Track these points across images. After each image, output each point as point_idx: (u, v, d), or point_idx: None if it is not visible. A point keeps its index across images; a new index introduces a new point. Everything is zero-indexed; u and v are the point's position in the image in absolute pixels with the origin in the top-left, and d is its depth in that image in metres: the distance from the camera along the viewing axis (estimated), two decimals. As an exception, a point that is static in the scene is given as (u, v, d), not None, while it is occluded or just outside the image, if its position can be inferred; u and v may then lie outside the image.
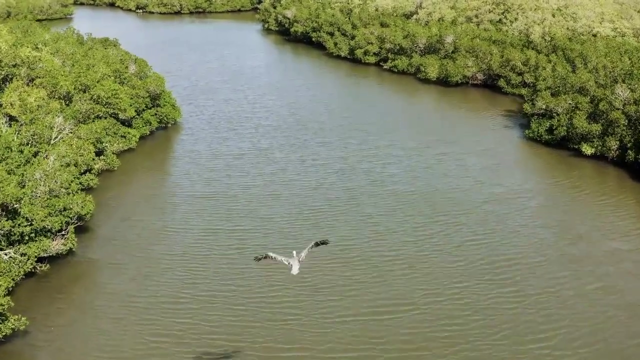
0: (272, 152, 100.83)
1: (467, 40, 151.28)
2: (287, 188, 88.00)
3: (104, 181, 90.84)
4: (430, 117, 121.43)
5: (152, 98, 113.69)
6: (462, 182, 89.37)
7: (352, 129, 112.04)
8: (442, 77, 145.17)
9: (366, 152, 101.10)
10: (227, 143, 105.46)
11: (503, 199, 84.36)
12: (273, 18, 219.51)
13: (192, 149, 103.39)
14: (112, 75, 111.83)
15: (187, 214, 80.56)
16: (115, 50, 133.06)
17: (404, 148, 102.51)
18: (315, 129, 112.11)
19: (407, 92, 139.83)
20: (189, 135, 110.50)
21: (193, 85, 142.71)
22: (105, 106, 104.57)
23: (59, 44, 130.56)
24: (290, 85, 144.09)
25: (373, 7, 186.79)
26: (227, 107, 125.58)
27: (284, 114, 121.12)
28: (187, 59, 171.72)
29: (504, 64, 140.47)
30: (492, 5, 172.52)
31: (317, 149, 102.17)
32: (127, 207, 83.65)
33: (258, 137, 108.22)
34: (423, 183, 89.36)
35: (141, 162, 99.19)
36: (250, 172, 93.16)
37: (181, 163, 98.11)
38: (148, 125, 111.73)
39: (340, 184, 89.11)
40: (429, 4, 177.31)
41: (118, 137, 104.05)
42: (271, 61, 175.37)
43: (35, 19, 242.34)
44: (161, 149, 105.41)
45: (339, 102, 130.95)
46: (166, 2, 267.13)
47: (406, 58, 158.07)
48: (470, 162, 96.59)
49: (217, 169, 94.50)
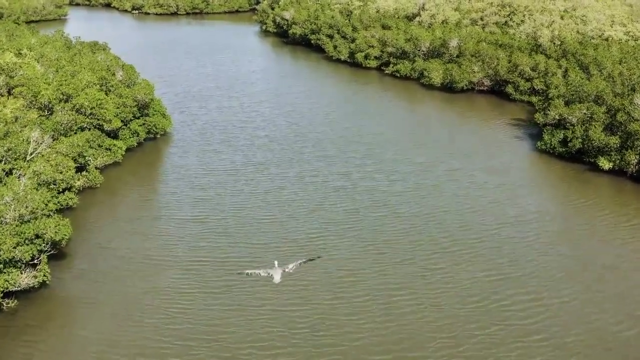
0: (267, 168, 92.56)
1: (472, 44, 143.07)
2: (283, 210, 79.73)
3: (85, 200, 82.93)
4: (436, 127, 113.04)
5: (140, 107, 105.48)
6: (474, 203, 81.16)
7: (353, 141, 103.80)
8: (447, 83, 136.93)
9: (369, 167, 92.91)
10: (219, 156, 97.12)
11: (518, 222, 76.23)
12: (271, 19, 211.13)
13: (181, 164, 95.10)
14: (98, 83, 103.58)
15: (173, 241, 72.32)
16: (104, 55, 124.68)
17: (410, 162, 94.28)
18: (314, 141, 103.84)
19: (411, 99, 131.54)
20: (179, 147, 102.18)
21: (186, 92, 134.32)
22: (89, 117, 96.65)
23: (44, 49, 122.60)
24: (288, 92, 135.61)
25: (374, 9, 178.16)
26: (221, 116, 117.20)
27: (281, 124, 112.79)
28: (181, 63, 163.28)
29: (511, 70, 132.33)
30: (498, 7, 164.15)
31: (316, 164, 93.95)
32: (108, 231, 75.43)
33: (253, 149, 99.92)
34: (432, 204, 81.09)
35: (126, 178, 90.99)
36: (243, 191, 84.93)
37: (169, 179, 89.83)
38: (135, 136, 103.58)
39: (341, 205, 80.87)
40: (432, 6, 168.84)
41: (102, 150, 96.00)
42: (269, 65, 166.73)
43: (28, 20, 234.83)
44: (149, 163, 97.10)
45: (339, 110, 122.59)
46: (162, 3, 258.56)
47: (409, 62, 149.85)
48: (481, 179, 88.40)
49: (207, 187, 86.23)
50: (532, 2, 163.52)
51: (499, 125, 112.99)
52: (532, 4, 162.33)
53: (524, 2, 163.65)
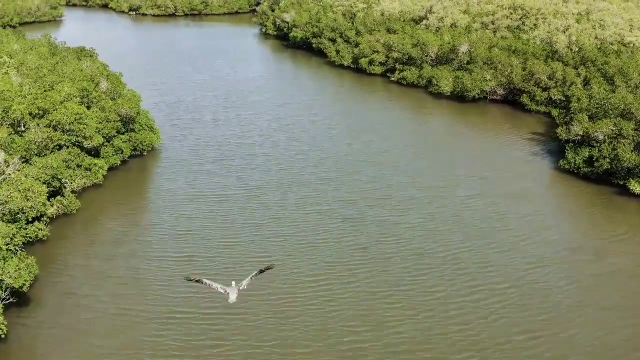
0: (264, 193, 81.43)
1: (483, 49, 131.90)
2: (280, 247, 68.63)
3: (58, 229, 72.36)
4: (448, 143, 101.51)
5: (125, 121, 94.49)
6: (496, 238, 70.18)
7: (359, 160, 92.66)
8: (458, 92, 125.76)
9: (378, 192, 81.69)
10: (211, 179, 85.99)
11: (550, 263, 65.34)
12: (271, 22, 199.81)
13: (168, 187, 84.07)
14: (78, 96, 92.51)
15: (151, 287, 61.36)
16: (90, 62, 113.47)
17: (422, 187, 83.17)
18: (316, 161, 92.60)
19: (419, 110, 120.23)
20: (167, 166, 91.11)
21: (179, 101, 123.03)
22: (66, 133, 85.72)
23: (26, 56, 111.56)
24: (288, 102, 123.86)
25: (378, 12, 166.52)
26: (216, 130, 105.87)
27: (281, 140, 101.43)
28: (176, 69, 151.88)
29: (526, 78, 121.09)
30: (509, 10, 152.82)
31: (319, 189, 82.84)
32: (78, 271, 64.55)
33: (249, 171, 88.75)
34: (448, 239, 70.01)
35: (106, 204, 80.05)
36: (235, 222, 73.83)
37: (153, 206, 78.85)
38: (119, 153, 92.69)
39: (347, 241, 69.79)
40: (440, 8, 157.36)
41: (81, 170, 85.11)
42: (268, 72, 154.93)
43: (22, 21, 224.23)
44: (132, 186, 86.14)
45: (343, 123, 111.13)
46: (160, 4, 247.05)
47: (416, 69, 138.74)
48: (502, 208, 77.43)
49: (195, 217, 75.11)
50: (544, 5, 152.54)
51: (516, 140, 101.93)
52: (544, 6, 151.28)
53: (536, 5, 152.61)
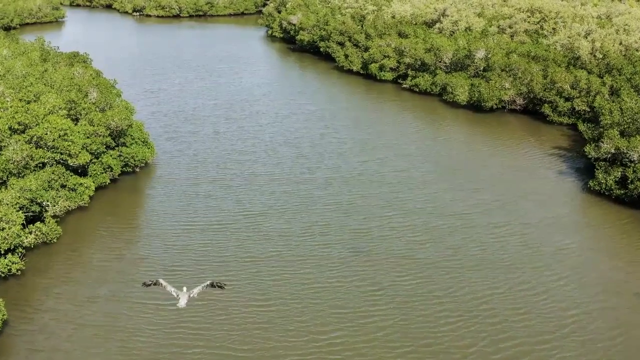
0: (265, 221, 72.05)
1: (501, 55, 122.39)
2: (281, 289, 59.32)
3: (35, 261, 63.85)
4: (469, 161, 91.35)
5: (115, 135, 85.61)
6: (531, 278, 60.83)
7: (372, 181, 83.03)
8: (474, 101, 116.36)
9: (394, 220, 72.17)
10: (207, 203, 76.76)
11: (592, 309, 55.88)
12: (277, 24, 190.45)
13: (159, 212, 75.01)
14: (65, 108, 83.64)
15: (131, 342, 52.10)
16: (82, 68, 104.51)
17: (444, 214, 73.61)
18: (324, 181, 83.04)
19: (434, 122, 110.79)
20: (160, 187, 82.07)
21: (178, 111, 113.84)
22: (50, 150, 76.91)
23: (14, 62, 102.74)
24: (295, 113, 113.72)
25: (389, 14, 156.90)
26: (216, 144, 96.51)
27: (286, 156, 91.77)
28: (177, 74, 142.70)
29: (548, 87, 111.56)
30: (527, 14, 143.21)
31: (327, 215, 73.37)
32: (51, 320, 55.52)
33: (250, 193, 79.37)
34: (477, 280, 60.60)
35: (89, 232, 71.13)
36: (232, 257, 64.56)
37: (142, 236, 69.75)
38: (108, 171, 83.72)
39: (358, 280, 60.57)
40: (454, 11, 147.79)
41: (66, 191, 76.27)
42: (273, 78, 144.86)
43: (23, 22, 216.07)
44: (120, 210, 77.06)
45: (354, 137, 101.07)
46: (164, 5, 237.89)
47: (429, 75, 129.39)
48: (534, 239, 68.21)
49: (187, 250, 65.94)
50: (563, 8, 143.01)
51: (539, 157, 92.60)
52: (563, 9, 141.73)
53: (555, 8, 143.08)
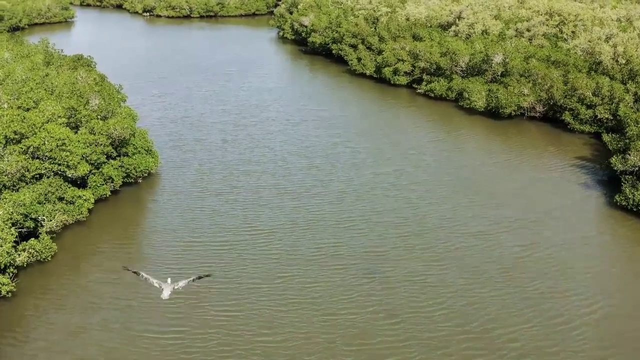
0: (273, 240, 66.79)
1: (520, 60, 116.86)
2: (286, 318, 54.17)
3: (28, 282, 59.49)
4: (489, 173, 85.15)
5: (117, 145, 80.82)
6: (564, 310, 55.45)
7: (388, 196, 77.30)
8: (492, 108, 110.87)
9: (412, 239, 66.57)
10: (212, 219, 71.70)
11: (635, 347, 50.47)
12: (289, 25, 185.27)
13: (161, 227, 70.16)
14: (64, 115, 78.91)
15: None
16: (85, 73, 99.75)
17: (465, 233, 68.06)
18: (337, 195, 77.51)
19: (452, 131, 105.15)
20: (163, 199, 77.22)
21: (185, 117, 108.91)
22: (47, 161, 72.23)
23: (15, 66, 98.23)
24: (306, 120, 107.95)
25: (403, 16, 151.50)
26: (223, 154, 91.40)
27: (297, 167, 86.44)
28: (185, 77, 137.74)
29: (568, 93, 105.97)
30: (545, 16, 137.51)
31: (340, 234, 67.91)
32: (39, 351, 50.72)
33: (257, 208, 74.08)
34: (503, 311, 55.21)
35: (86, 250, 66.38)
36: (235, 283, 59.43)
37: (140, 257, 64.85)
38: (109, 182, 78.89)
39: (372, 307, 55.42)
40: (470, 14, 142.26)
41: (63, 204, 71.59)
42: (285, 82, 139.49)
43: (31, 23, 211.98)
44: (119, 226, 72.21)
45: (368, 146, 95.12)
46: (175, 5, 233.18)
47: (445, 80, 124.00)
48: (564, 264, 62.77)
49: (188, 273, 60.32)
50: (582, 10, 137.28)
51: (561, 168, 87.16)
52: (582, 12, 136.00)
53: (574, 10, 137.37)
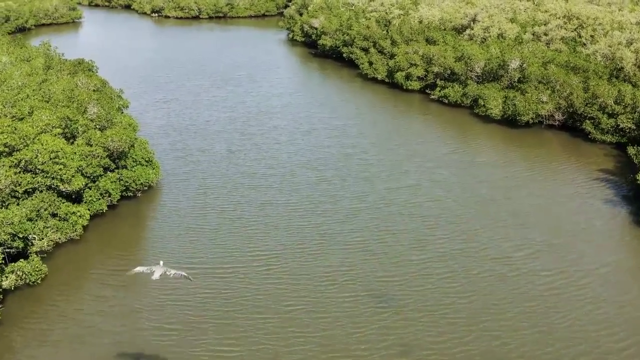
0: (279, 264, 61.18)
1: (537, 66, 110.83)
2: (293, 356, 48.49)
3: (13, 310, 54.60)
4: (509, 189, 78.11)
5: (115, 157, 75.41)
6: (604, 349, 49.46)
7: (403, 214, 70.87)
8: (509, 116, 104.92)
9: (429, 265, 60.82)
10: (214, 238, 66.05)
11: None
12: (298, 27, 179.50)
13: (159, 249, 64.74)
14: (59, 126, 73.60)
15: None
16: (86, 78, 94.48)
17: (488, 256, 62.23)
18: (349, 212, 71.22)
19: (469, 141, 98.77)
20: (162, 217, 71.72)
21: (190, 124, 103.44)
22: (40, 175, 66.95)
23: (12, 71, 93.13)
24: (316, 128, 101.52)
25: (416, 19, 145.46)
26: (228, 165, 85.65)
27: (306, 180, 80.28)
28: (192, 82, 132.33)
29: (589, 101, 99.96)
30: (563, 20, 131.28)
31: (351, 257, 62.00)
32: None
33: (263, 227, 68.05)
34: (535, 355, 49.35)
35: (77, 274, 61.18)
36: (238, 313, 53.88)
37: (134, 283, 58.88)
38: (106, 196, 73.49)
39: (388, 349, 49.49)
40: (485, 17, 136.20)
41: (56, 220, 66.30)
42: (294, 87, 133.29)
43: (38, 23, 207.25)
44: (114, 246, 66.75)
45: (382, 158, 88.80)
46: (183, 6, 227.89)
47: (459, 86, 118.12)
48: (595, 293, 57.01)
49: (185, 304, 55.35)
50: (600, 14, 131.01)
51: (583, 182, 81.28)
52: (601, 15, 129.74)
53: (592, 14, 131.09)
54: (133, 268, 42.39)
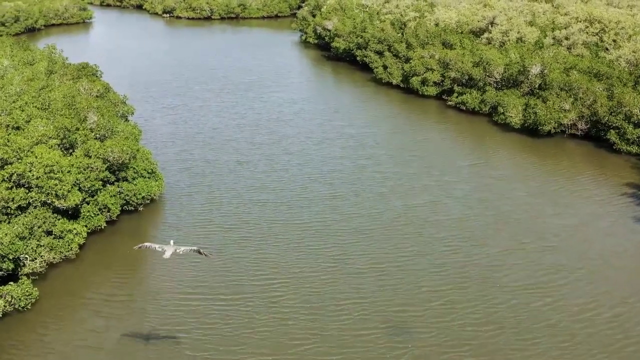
0: (286, 294, 55.92)
1: (559, 72, 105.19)
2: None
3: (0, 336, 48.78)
4: (533, 206, 72.24)
5: (115, 169, 70.65)
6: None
7: (422, 234, 65.72)
8: (529, 125, 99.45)
9: (452, 297, 55.43)
10: (219, 262, 60.89)
11: None
12: (311, 29, 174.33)
13: (160, 271, 59.93)
14: (56, 136, 68.93)
15: None
16: (89, 83, 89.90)
17: (515, 289, 56.73)
18: (362, 232, 65.84)
19: (489, 152, 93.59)
20: (163, 236, 66.14)
21: (197, 132, 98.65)
22: (34, 190, 62.36)
23: (13, 75, 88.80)
24: (329, 138, 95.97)
25: (432, 22, 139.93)
26: (235, 178, 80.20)
27: (318, 196, 74.79)
28: (201, 86, 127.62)
29: (614, 110, 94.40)
30: (584, 23, 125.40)
31: (366, 286, 56.74)
32: None
33: (271, 250, 62.87)
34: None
35: (71, 296, 56.45)
36: (242, 350, 48.77)
37: (130, 312, 54.26)
38: (105, 211, 68.75)
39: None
40: (504, 20, 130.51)
41: (51, 239, 61.64)
42: (307, 92, 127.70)
43: (48, 23, 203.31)
44: (112, 266, 62.04)
45: (399, 170, 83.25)
46: (195, 7, 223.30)
47: (477, 92, 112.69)
48: (632, 326, 51.22)
49: (185, 334, 50.42)
50: (622, 17, 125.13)
51: (611, 198, 75.87)
52: (623, 18, 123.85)
53: (614, 17, 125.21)
54: (143, 243, 43.08)
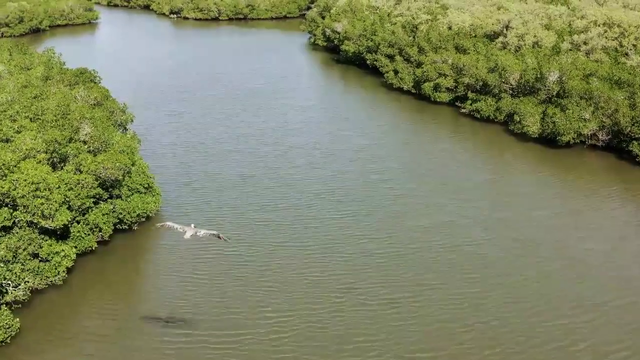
0: (287, 328, 50.31)
1: (579, 79, 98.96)
2: None
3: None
4: (555, 225, 66.21)
5: (109, 186, 65.01)
6: None
7: (437, 261, 60.00)
8: (548, 135, 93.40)
9: (473, 335, 49.62)
10: (217, 291, 55.23)
11: None
12: (320, 31, 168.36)
13: (153, 300, 54.42)
14: (45, 150, 63.33)
15: None
16: (85, 90, 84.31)
17: (538, 326, 50.95)
18: (373, 260, 59.91)
19: (506, 165, 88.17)
20: (159, 259, 61.44)
21: (198, 142, 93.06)
22: (19, 209, 56.87)
23: (6, 82, 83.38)
24: (339, 149, 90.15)
25: (445, 25, 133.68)
26: (239, 194, 74.49)
27: (325, 216, 68.78)
28: (206, 92, 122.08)
29: (636, 120, 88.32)
30: (604, 27, 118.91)
31: (378, 322, 50.96)
32: None
33: (273, 278, 57.37)
34: None
35: (54, 329, 51.17)
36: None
37: (120, 348, 48.59)
38: (96, 231, 63.13)
39: None
40: (519, 23, 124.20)
41: (36, 262, 56.14)
42: (315, 98, 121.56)
43: (53, 24, 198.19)
44: (101, 292, 56.67)
45: (413, 187, 77.36)
46: (202, 7, 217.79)
47: (492, 99, 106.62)
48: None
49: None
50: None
51: (631, 215, 69.40)
52: None
53: (634, 20, 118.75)
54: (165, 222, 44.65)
